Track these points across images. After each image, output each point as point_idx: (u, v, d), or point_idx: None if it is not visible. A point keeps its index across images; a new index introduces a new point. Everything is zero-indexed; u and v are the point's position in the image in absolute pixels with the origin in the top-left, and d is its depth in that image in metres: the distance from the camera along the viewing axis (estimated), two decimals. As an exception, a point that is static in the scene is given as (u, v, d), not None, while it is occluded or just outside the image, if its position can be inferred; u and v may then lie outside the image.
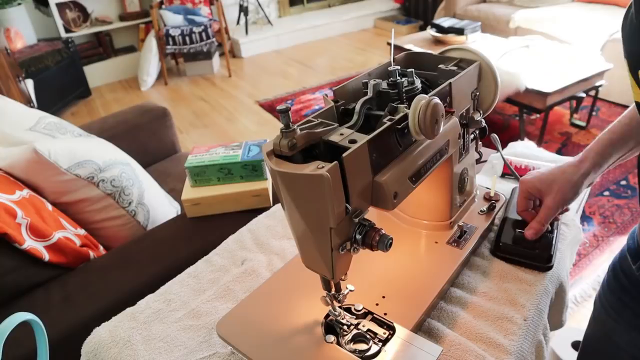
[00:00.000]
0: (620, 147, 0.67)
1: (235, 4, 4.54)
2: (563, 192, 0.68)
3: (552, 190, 0.69)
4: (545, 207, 0.70)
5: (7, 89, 2.49)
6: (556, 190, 0.69)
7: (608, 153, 0.67)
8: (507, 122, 2.85)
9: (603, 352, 0.70)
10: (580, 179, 0.68)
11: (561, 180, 0.69)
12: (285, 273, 0.70)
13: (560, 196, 0.68)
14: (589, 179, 0.69)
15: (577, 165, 0.69)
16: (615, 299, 0.64)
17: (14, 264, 0.93)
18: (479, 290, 0.67)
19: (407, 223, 0.76)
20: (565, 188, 0.68)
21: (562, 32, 3.14)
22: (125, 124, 1.67)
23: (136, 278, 0.98)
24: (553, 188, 0.69)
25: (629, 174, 2.25)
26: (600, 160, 0.67)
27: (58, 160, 1.06)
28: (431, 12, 4.69)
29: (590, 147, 0.69)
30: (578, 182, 0.68)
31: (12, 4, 3.35)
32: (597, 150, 0.68)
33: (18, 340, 0.68)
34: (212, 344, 0.63)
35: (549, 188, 0.70)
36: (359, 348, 0.56)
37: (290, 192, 0.46)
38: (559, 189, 0.68)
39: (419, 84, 0.59)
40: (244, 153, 1.15)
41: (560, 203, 0.69)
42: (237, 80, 4.01)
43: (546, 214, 0.70)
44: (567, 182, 0.68)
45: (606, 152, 0.67)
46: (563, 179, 0.69)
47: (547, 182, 0.70)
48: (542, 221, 0.70)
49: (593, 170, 0.68)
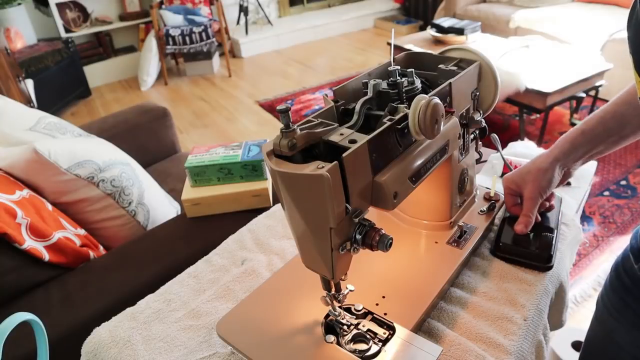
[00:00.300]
0: (590, 137, 0.69)
1: (235, 4, 4.54)
2: (537, 181, 0.71)
3: (528, 181, 0.72)
4: (526, 199, 0.72)
5: (7, 89, 2.49)
6: (531, 181, 0.71)
7: (578, 142, 0.70)
8: (507, 122, 2.85)
9: (605, 352, 0.70)
10: (551, 165, 0.70)
11: (534, 170, 0.72)
12: (285, 273, 0.70)
13: (534, 185, 0.71)
14: (560, 165, 0.71)
15: (547, 153, 0.72)
16: (618, 299, 0.64)
17: (14, 264, 0.93)
18: (479, 290, 0.67)
19: (407, 223, 0.76)
20: (537, 176, 0.71)
21: (562, 32, 3.14)
22: (125, 124, 1.67)
23: (136, 278, 0.98)
24: (528, 179, 0.72)
25: (629, 174, 2.25)
26: (569, 147, 0.70)
27: (58, 160, 1.06)
28: (431, 12, 4.69)
29: (561, 137, 0.72)
30: (549, 168, 0.70)
31: (12, 4, 3.35)
32: (567, 138, 0.71)
33: (18, 340, 0.68)
34: (212, 344, 0.63)
35: (524, 180, 0.73)
36: (359, 348, 0.56)
37: (290, 192, 0.46)
38: (533, 178, 0.71)
39: (419, 84, 0.59)
40: (244, 153, 1.15)
41: (537, 191, 0.71)
42: (237, 80, 4.01)
43: (528, 205, 0.72)
44: (538, 170, 0.71)
45: (576, 140, 0.70)
46: (535, 169, 0.72)
47: (522, 174, 0.73)
48: (528, 213, 0.72)
49: (562, 157, 0.70)
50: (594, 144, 0.69)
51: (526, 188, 0.72)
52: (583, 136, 0.69)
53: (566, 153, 0.70)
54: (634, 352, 0.63)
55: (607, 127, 0.67)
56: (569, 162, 0.71)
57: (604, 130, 0.68)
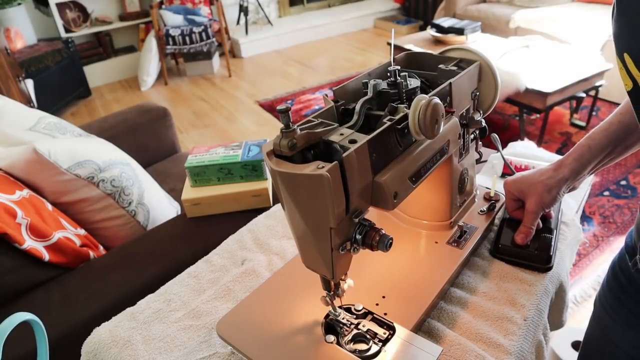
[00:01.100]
0: (598, 153, 0.68)
1: (235, 4, 4.54)
2: (540, 196, 0.70)
3: (531, 194, 0.71)
4: (527, 212, 0.71)
5: (7, 89, 2.49)
6: (534, 194, 0.71)
7: (586, 159, 0.69)
8: (507, 122, 2.85)
9: (602, 351, 0.70)
10: (558, 183, 0.70)
11: (539, 185, 0.71)
12: (285, 273, 0.70)
13: (537, 200, 0.70)
14: (567, 184, 0.70)
15: (555, 170, 0.71)
16: (614, 298, 0.65)
17: (14, 264, 0.93)
18: (479, 290, 0.67)
19: (407, 223, 0.76)
20: (542, 192, 0.70)
21: (562, 32, 3.14)
22: (125, 124, 1.67)
23: (136, 278, 0.98)
24: (531, 192, 0.71)
25: (629, 174, 2.26)
26: (578, 166, 0.69)
27: (58, 160, 1.06)
28: (431, 12, 4.69)
29: (569, 153, 0.71)
30: (555, 187, 0.70)
31: (12, 4, 3.35)
32: (575, 156, 0.70)
33: (18, 340, 0.68)
34: (212, 344, 0.63)
35: (528, 191, 0.72)
36: (359, 348, 0.56)
37: (290, 192, 0.46)
38: (537, 192, 0.70)
39: (419, 84, 0.59)
40: (244, 153, 1.15)
41: (539, 206, 0.71)
42: (237, 80, 4.01)
43: (529, 218, 0.71)
44: (544, 186, 0.70)
45: (584, 158, 0.69)
46: (541, 183, 0.70)
47: (527, 184, 0.72)
48: (528, 225, 0.71)
49: (571, 176, 0.70)
50: (601, 157, 0.69)
51: (529, 200, 0.71)
52: (590, 152, 0.69)
53: (575, 173, 0.70)
54: (630, 351, 0.63)
55: (612, 138, 0.67)
56: (576, 181, 0.71)
57: (609, 142, 0.67)
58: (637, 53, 0.43)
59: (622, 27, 0.45)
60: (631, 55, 0.44)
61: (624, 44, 0.45)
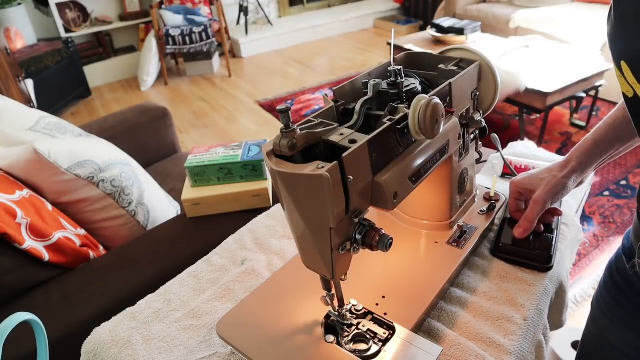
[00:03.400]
0: (604, 147, 0.69)
1: (235, 4, 4.54)
2: (550, 186, 0.70)
3: (541, 185, 0.72)
4: (533, 202, 0.71)
5: (7, 89, 2.49)
6: (544, 185, 0.71)
7: (593, 153, 0.70)
8: (507, 122, 2.85)
9: (599, 351, 0.70)
10: (567, 176, 0.70)
11: (549, 178, 0.71)
12: (285, 273, 0.70)
13: (547, 190, 0.70)
14: (576, 178, 0.71)
15: (563, 164, 0.72)
16: (611, 299, 0.65)
17: (14, 264, 0.93)
18: (479, 290, 0.67)
19: (407, 223, 0.76)
20: (552, 184, 0.71)
21: (562, 32, 3.14)
22: (125, 124, 1.67)
23: (136, 278, 0.98)
24: (541, 184, 0.72)
25: (629, 174, 2.26)
26: (586, 159, 0.70)
27: (58, 160, 1.06)
28: (431, 12, 4.69)
29: (575, 148, 0.72)
30: (564, 179, 0.70)
31: (12, 4, 3.36)
32: (582, 150, 0.71)
33: (18, 340, 0.68)
34: (212, 344, 0.63)
35: (537, 184, 0.72)
36: (359, 348, 0.56)
37: (290, 192, 0.46)
38: (547, 183, 0.71)
39: (419, 84, 0.59)
40: (244, 153, 1.15)
41: (548, 196, 0.70)
42: (237, 80, 4.01)
43: (533, 208, 0.71)
44: (554, 178, 0.71)
45: (591, 152, 0.70)
46: (550, 176, 0.71)
47: (536, 179, 0.73)
48: (530, 218, 0.71)
49: (579, 169, 0.70)
50: (607, 152, 0.69)
51: (539, 191, 0.71)
52: (596, 146, 0.69)
53: (584, 166, 0.70)
54: (627, 351, 0.63)
55: (617, 133, 0.68)
56: (584, 176, 0.72)
57: (615, 136, 0.68)
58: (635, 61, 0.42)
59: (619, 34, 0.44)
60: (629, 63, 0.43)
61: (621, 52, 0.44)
